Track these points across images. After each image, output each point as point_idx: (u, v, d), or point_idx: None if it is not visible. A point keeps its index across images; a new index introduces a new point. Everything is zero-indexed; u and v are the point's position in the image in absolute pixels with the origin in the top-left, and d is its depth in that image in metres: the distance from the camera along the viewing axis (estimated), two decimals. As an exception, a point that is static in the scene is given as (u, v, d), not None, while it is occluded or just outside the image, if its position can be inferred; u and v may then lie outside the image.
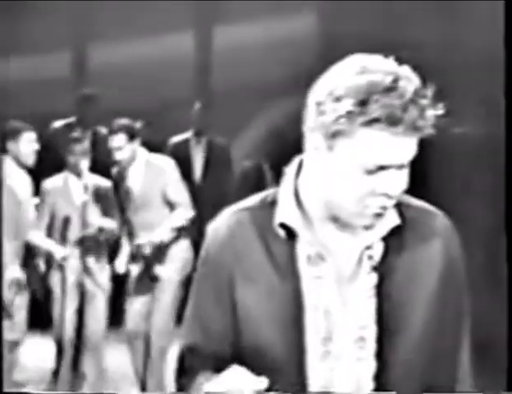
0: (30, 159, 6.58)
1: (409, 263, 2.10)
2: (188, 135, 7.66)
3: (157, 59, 8.54)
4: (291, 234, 2.08)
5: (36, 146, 6.58)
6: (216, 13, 8.79)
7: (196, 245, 6.53)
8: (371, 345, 2.08)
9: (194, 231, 6.87)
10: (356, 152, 1.97)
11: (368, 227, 2.05)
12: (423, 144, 2.01)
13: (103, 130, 7.04)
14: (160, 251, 6.65)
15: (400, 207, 2.09)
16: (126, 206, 6.71)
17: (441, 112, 1.98)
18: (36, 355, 7.11)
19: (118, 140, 6.65)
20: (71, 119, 7.50)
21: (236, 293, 2.11)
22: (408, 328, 2.09)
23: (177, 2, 8.32)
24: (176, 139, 7.63)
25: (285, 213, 2.08)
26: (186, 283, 6.47)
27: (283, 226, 2.07)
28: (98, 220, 6.65)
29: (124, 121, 6.66)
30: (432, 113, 1.96)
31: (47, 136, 7.06)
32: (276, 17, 8.34)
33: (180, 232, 6.65)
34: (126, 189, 6.67)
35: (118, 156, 6.66)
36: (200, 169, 7.77)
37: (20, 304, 6.52)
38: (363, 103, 1.94)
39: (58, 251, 6.63)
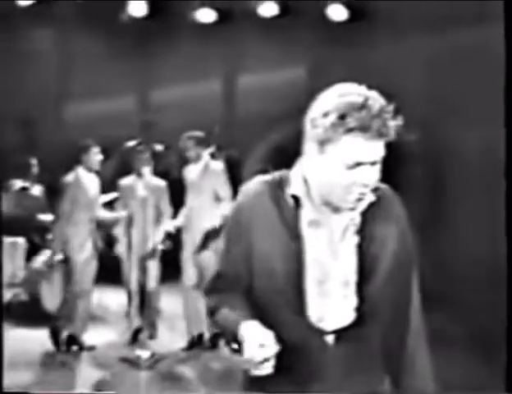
0: (96, 166, 6.73)
1: (379, 229, 2.20)
2: (211, 149, 7.66)
3: (195, 96, 8.90)
4: (298, 203, 2.20)
5: (100, 157, 6.74)
6: (237, 65, 9.17)
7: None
8: (353, 287, 2.18)
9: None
10: (340, 153, 2.06)
11: (352, 209, 2.16)
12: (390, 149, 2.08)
13: (159, 147, 7.34)
14: (217, 231, 6.59)
15: (373, 189, 2.20)
16: (186, 191, 6.82)
17: (399, 122, 2.06)
18: (114, 302, 7.48)
19: (189, 143, 6.80)
20: (138, 139, 7.69)
21: (253, 240, 2.19)
22: (378, 274, 2.19)
23: (209, 58, 8.69)
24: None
25: (296, 187, 2.20)
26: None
27: (293, 196, 2.20)
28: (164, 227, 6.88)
29: (195, 132, 6.86)
30: (393, 124, 2.06)
31: (122, 151, 7.38)
32: (279, 68, 8.70)
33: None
34: (189, 179, 6.81)
35: (188, 155, 6.84)
36: None
37: (89, 269, 6.76)
38: (342, 117, 2.04)
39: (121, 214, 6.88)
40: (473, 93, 6.19)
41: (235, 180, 7.46)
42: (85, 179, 6.64)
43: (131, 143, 7.07)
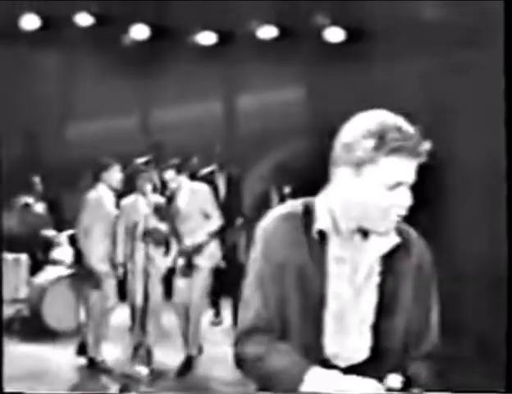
0: (117, 184, 6.63)
1: (399, 269, 2.20)
2: (213, 167, 7.90)
3: (197, 116, 8.90)
4: (324, 238, 2.17)
5: (121, 175, 6.65)
6: (237, 85, 9.19)
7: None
8: (370, 325, 2.17)
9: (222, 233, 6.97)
10: (380, 174, 2.06)
11: (385, 233, 2.15)
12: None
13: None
14: (198, 248, 6.59)
15: (398, 230, 2.21)
16: (175, 218, 6.72)
17: (429, 144, 2.08)
18: (118, 317, 7.13)
19: (169, 174, 6.73)
20: (147, 157, 7.75)
21: (285, 276, 2.15)
22: (395, 314, 2.18)
23: (210, 78, 8.70)
24: (205, 170, 7.92)
25: (322, 221, 2.17)
26: (214, 270, 6.87)
27: (320, 231, 2.17)
28: (154, 223, 6.72)
29: (174, 160, 6.78)
30: (425, 145, 2.08)
31: (130, 169, 7.19)
32: (278, 88, 8.71)
33: (212, 235, 6.66)
34: (176, 207, 6.70)
35: (170, 185, 6.80)
36: (223, 192, 7.87)
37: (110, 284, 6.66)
38: (383, 138, 2.05)
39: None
40: (472, 108, 6.12)
41: (236, 197, 7.76)
42: (106, 197, 6.57)
43: (140, 161, 7.09)
